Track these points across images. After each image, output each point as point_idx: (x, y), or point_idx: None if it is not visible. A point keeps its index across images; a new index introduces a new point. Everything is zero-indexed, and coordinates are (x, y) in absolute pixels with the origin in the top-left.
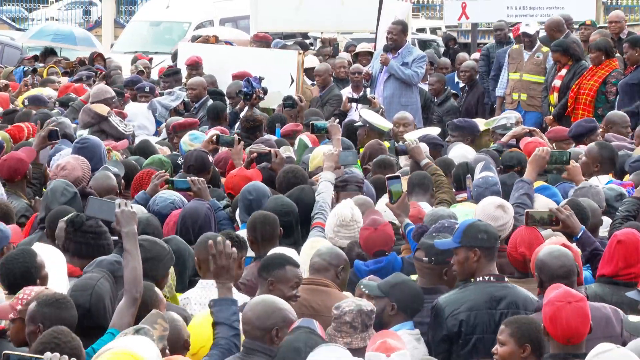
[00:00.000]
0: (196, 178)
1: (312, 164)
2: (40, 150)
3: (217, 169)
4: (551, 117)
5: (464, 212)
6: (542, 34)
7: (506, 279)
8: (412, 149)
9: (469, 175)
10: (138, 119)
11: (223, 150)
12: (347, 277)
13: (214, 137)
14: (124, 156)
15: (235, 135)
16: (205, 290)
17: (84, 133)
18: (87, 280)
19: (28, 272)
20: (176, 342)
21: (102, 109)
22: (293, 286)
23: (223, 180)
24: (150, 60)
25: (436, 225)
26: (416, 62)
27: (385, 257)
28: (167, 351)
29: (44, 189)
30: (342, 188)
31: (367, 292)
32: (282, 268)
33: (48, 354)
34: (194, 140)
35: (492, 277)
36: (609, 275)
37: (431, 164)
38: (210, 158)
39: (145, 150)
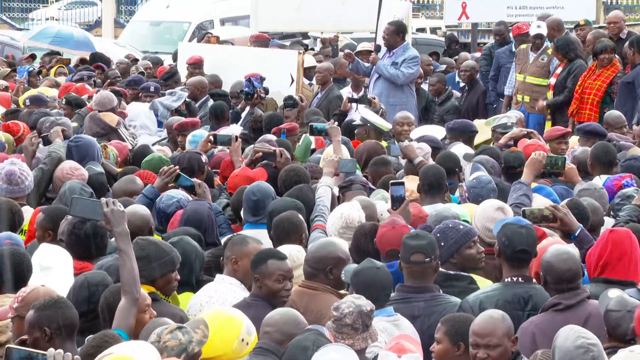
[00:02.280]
0: (201, 182)
1: (323, 163)
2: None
3: (211, 169)
4: (543, 103)
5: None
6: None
7: (534, 280)
8: (404, 147)
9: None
10: (140, 118)
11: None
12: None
13: (211, 137)
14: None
15: (233, 133)
16: (218, 284)
17: None
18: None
19: (22, 272)
20: None
21: (112, 119)
22: (278, 279)
23: (216, 180)
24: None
25: (440, 227)
26: (406, 62)
27: (396, 262)
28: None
29: None
30: (347, 188)
31: (343, 277)
32: (264, 263)
33: (52, 350)
34: (192, 144)
35: (520, 279)
36: (600, 268)
37: (425, 162)
38: (205, 158)
39: (143, 154)
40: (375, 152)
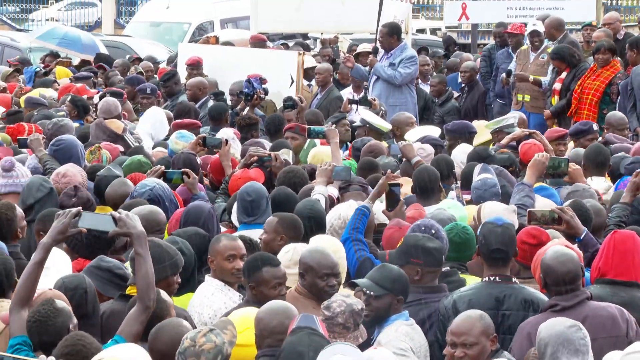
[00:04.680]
0: (190, 171)
1: (311, 160)
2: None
3: (201, 171)
4: (549, 112)
5: (447, 205)
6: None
7: (514, 279)
8: (403, 146)
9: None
10: (151, 121)
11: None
12: (312, 281)
13: (201, 139)
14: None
15: (223, 137)
16: (202, 286)
17: None
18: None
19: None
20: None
21: (118, 126)
22: (274, 286)
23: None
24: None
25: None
26: (403, 62)
27: None
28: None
29: None
30: (346, 189)
31: (372, 293)
32: (258, 271)
33: (43, 357)
34: (181, 139)
35: (497, 278)
36: (603, 269)
37: (422, 162)
38: (199, 160)
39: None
40: (372, 154)
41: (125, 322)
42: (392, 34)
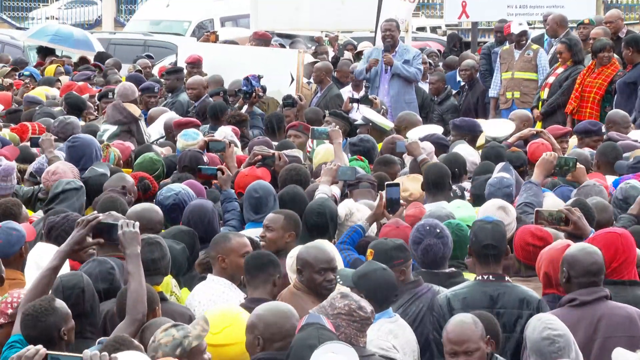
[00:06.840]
0: (224, 167)
1: (316, 160)
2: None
3: None
4: (538, 112)
5: (457, 205)
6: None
7: (507, 278)
8: (409, 144)
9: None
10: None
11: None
12: (309, 276)
13: (205, 144)
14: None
15: (226, 139)
16: (205, 285)
17: (109, 128)
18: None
19: None
20: None
21: (135, 110)
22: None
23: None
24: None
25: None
26: (415, 59)
27: None
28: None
29: None
30: (355, 186)
31: (341, 282)
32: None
33: (87, 352)
34: (182, 137)
35: (491, 276)
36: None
37: (427, 160)
38: (206, 158)
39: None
40: (392, 146)
41: (114, 333)
42: (399, 29)
